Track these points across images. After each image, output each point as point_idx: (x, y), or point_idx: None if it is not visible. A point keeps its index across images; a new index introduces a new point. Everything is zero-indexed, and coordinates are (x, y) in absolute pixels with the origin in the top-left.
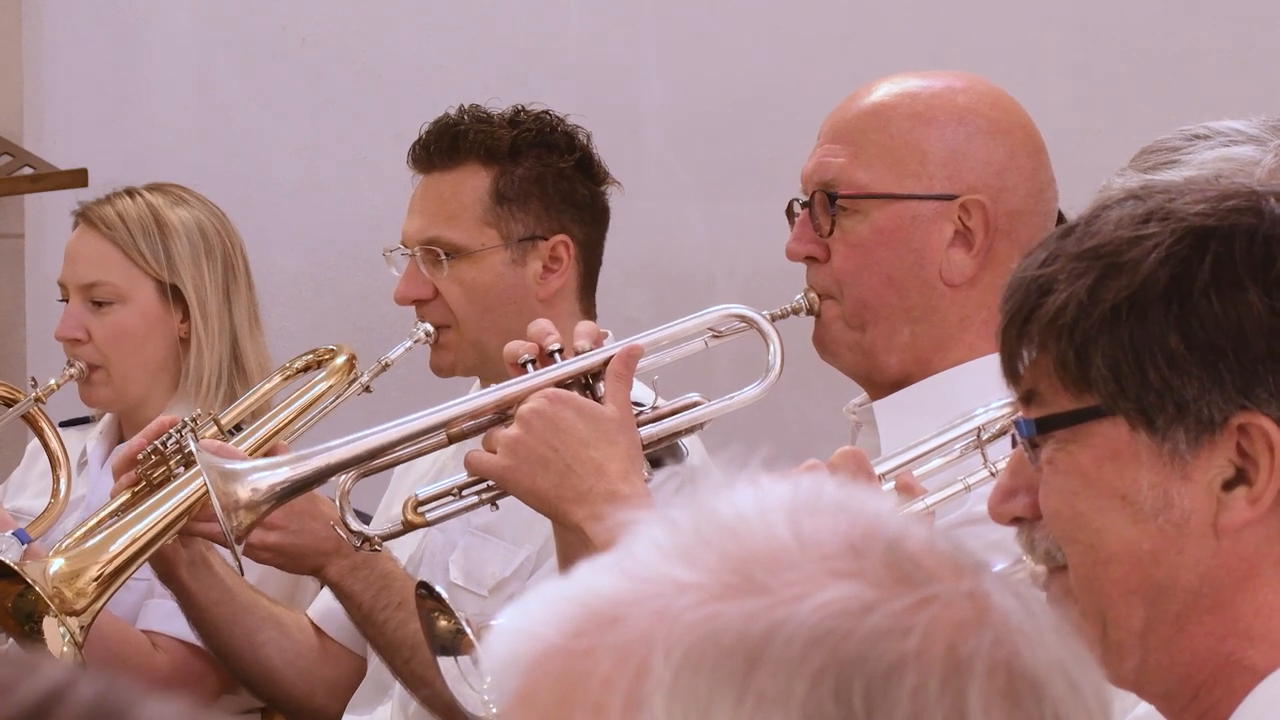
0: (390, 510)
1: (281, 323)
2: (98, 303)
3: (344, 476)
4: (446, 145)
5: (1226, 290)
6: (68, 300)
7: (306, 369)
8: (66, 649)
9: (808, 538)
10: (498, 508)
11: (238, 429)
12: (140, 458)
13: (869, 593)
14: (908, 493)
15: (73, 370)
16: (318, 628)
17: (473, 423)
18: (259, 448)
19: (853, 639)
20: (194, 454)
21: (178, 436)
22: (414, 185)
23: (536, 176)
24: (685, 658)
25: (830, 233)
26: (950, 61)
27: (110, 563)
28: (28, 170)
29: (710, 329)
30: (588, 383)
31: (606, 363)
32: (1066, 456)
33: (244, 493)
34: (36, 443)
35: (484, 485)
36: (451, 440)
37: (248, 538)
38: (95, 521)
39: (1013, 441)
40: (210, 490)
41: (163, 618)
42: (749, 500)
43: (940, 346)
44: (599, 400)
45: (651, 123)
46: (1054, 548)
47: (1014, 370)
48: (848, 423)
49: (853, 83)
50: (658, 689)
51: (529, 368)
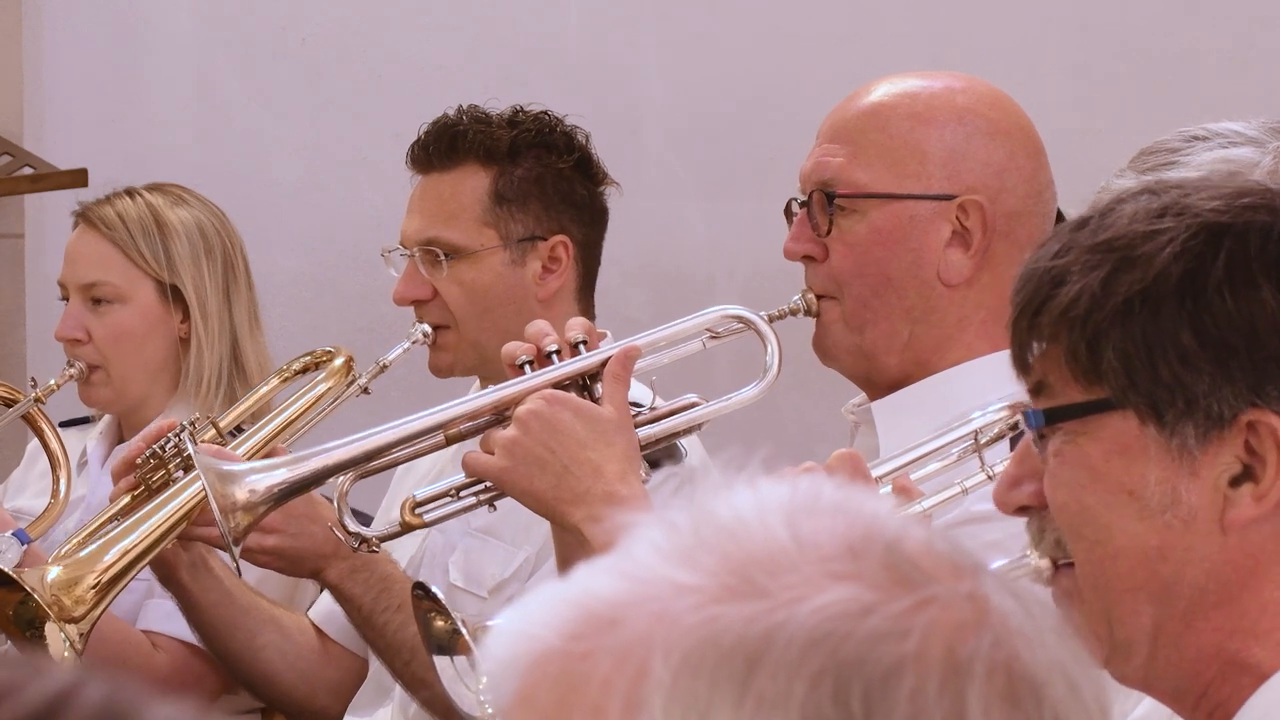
0: (390, 512)
1: (281, 323)
2: (98, 302)
3: (342, 478)
4: (445, 146)
5: (1240, 287)
6: (68, 300)
7: (304, 371)
8: (67, 655)
9: (806, 540)
10: (495, 509)
11: (238, 431)
12: (139, 462)
13: (868, 595)
14: (905, 496)
15: (72, 370)
16: (319, 629)
17: (470, 424)
18: (258, 450)
19: (851, 641)
20: (192, 457)
21: (176, 440)
22: (413, 185)
23: (535, 177)
24: (685, 660)
25: (828, 232)
26: (950, 61)
27: (108, 570)
28: (28, 170)
29: (708, 330)
30: (585, 384)
31: (604, 364)
32: (1075, 449)
33: (241, 494)
34: (36, 443)
35: (482, 486)
36: (449, 441)
37: (246, 541)
38: (94, 527)
39: (1010, 445)
40: (208, 492)
41: (162, 618)
42: (747, 502)
43: (938, 347)
44: (597, 401)
45: (651, 123)
46: (1063, 539)
47: (1024, 361)
48: (846, 423)
49: (853, 83)
50: (657, 691)
51: (527, 369)
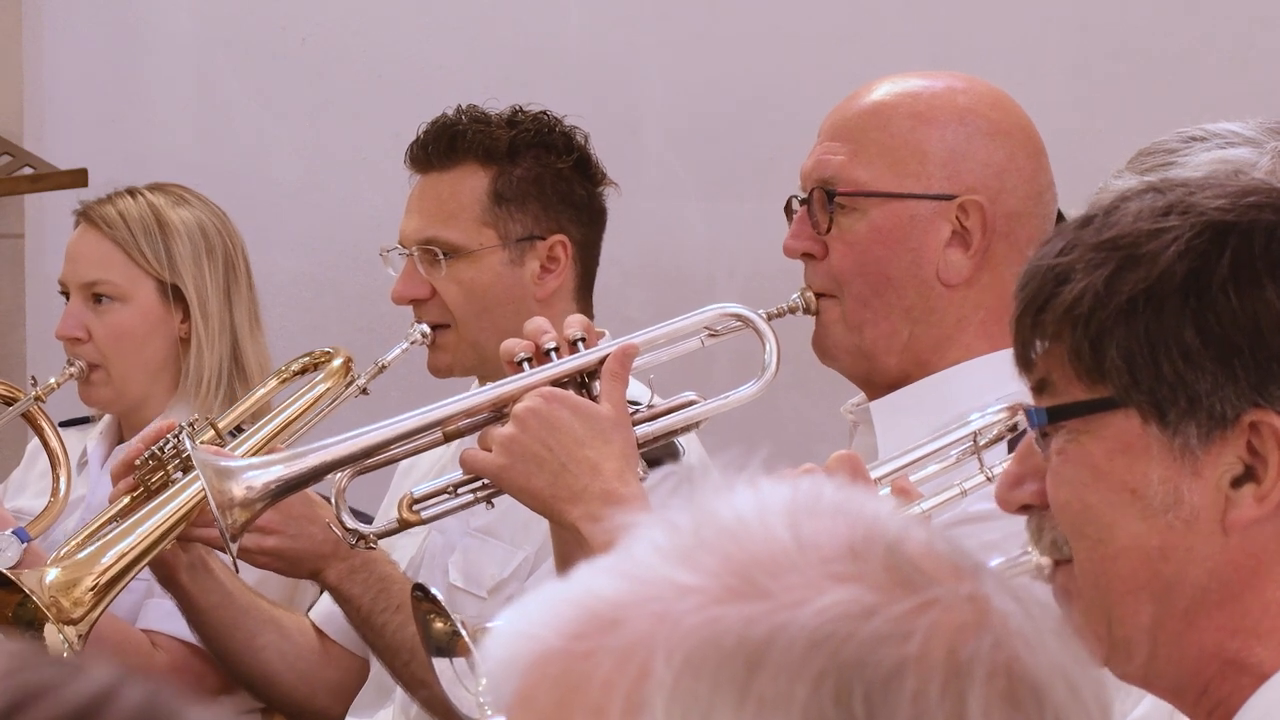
0: (390, 512)
1: (281, 323)
2: (99, 301)
3: (340, 475)
4: (445, 145)
5: (1244, 286)
6: (69, 299)
7: (303, 371)
8: (66, 657)
9: (808, 541)
10: (493, 506)
11: (237, 432)
12: (138, 463)
13: (869, 596)
14: (903, 497)
15: (73, 369)
16: (319, 630)
17: (468, 421)
18: (256, 451)
19: (853, 643)
20: (191, 455)
21: (175, 441)
22: (412, 185)
23: (534, 177)
24: (686, 661)
25: (828, 230)
26: (950, 61)
27: (107, 571)
28: (28, 170)
29: (707, 328)
30: (583, 381)
31: (602, 361)
32: (1077, 447)
33: (239, 490)
34: (36, 442)
35: (479, 484)
36: (447, 438)
37: (246, 543)
38: (93, 528)
39: (1009, 447)
40: (205, 488)
41: (162, 617)
42: (749, 503)
43: (938, 347)
44: (595, 399)
45: (651, 123)
46: (1061, 538)
47: (1027, 359)
48: (844, 422)
49: (853, 83)
50: (658, 692)
51: (525, 366)
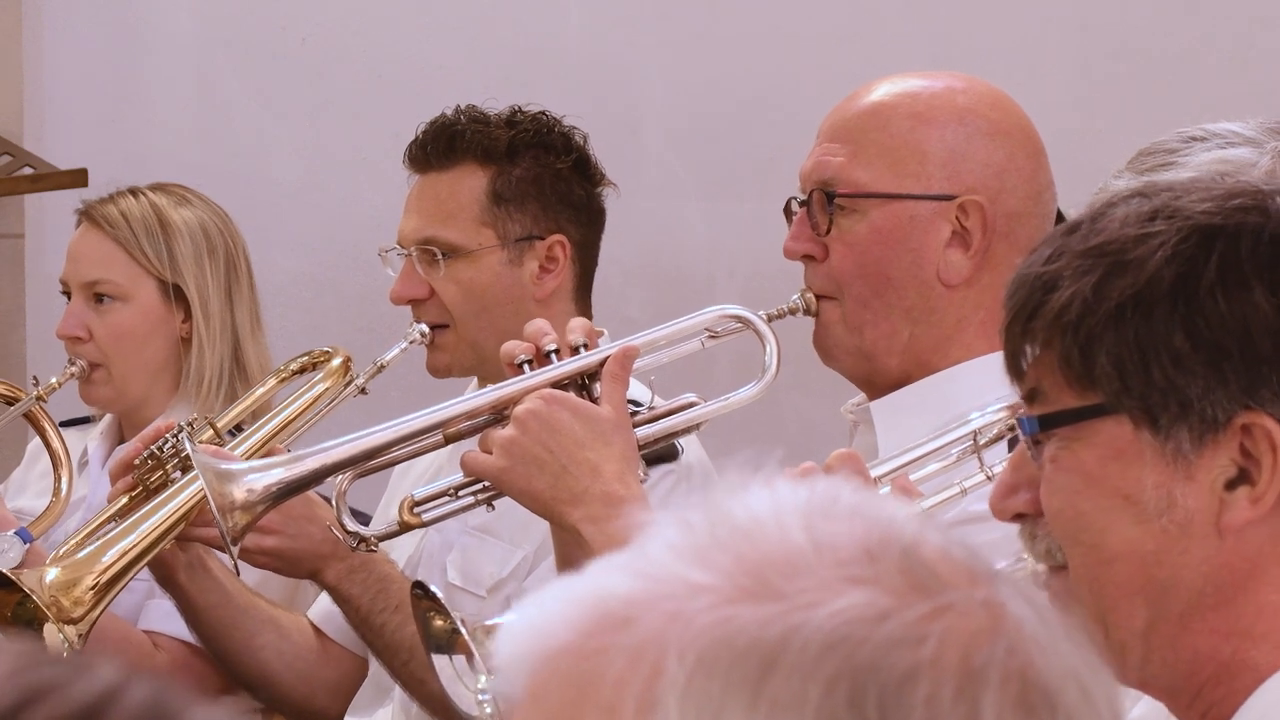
0: (389, 512)
1: (281, 323)
2: (100, 300)
3: (340, 477)
4: (443, 145)
5: (1232, 289)
6: (70, 298)
7: (302, 371)
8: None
9: (823, 542)
10: (494, 508)
11: (236, 431)
12: (137, 463)
13: (884, 600)
14: (903, 496)
15: (74, 369)
16: (318, 629)
17: (469, 423)
18: (256, 451)
19: (867, 646)
20: (190, 456)
21: (174, 441)
22: (410, 185)
23: (533, 177)
24: (699, 661)
25: (828, 231)
26: (950, 61)
27: (106, 571)
28: (28, 170)
29: (707, 329)
30: (584, 383)
31: (603, 363)
32: (1069, 455)
33: (240, 493)
34: (37, 442)
35: (480, 486)
36: (448, 441)
37: (245, 543)
38: (92, 528)
39: (1009, 446)
40: (206, 491)
41: (163, 618)
42: (764, 503)
43: (938, 347)
44: (595, 401)
45: (651, 123)
46: (1054, 545)
47: (1017, 367)
48: (845, 422)
49: (853, 83)
50: (671, 691)
51: (525, 368)
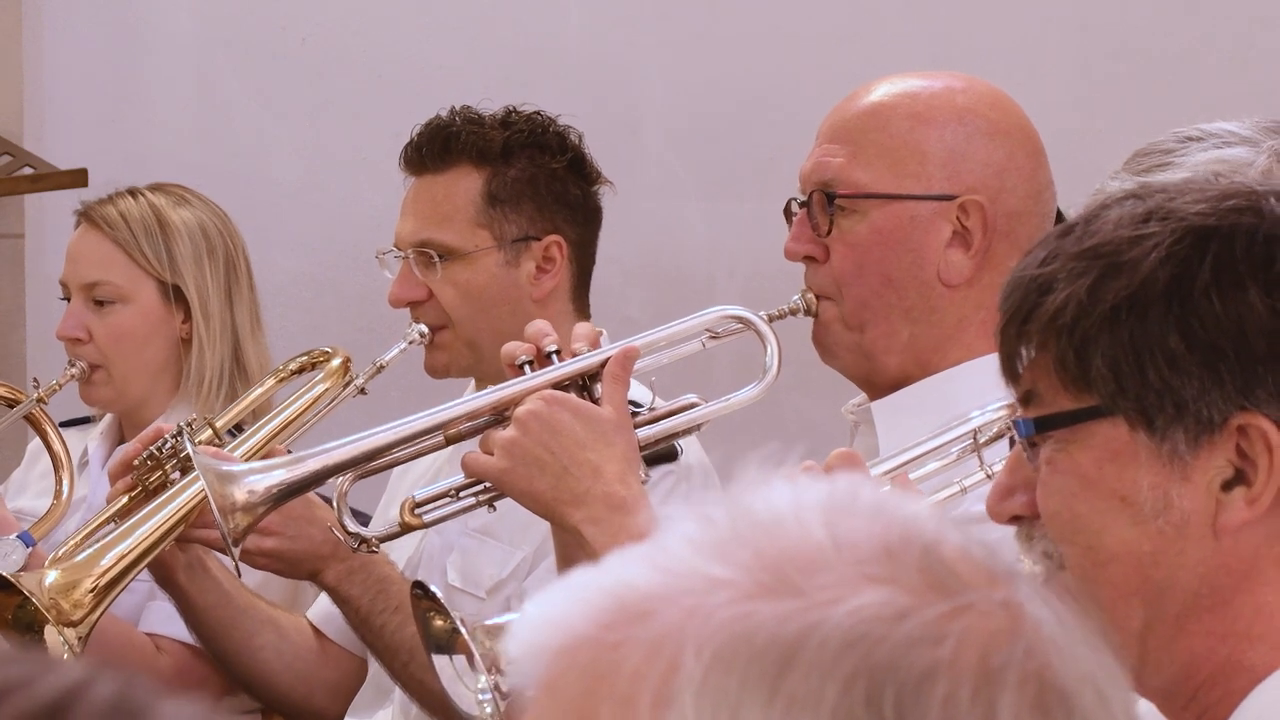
0: (388, 513)
1: (281, 323)
2: (99, 302)
3: (341, 478)
4: (438, 147)
5: (1227, 290)
6: (69, 299)
7: (301, 371)
8: (66, 659)
9: (843, 540)
10: (495, 509)
11: (236, 431)
12: (136, 464)
13: (903, 599)
14: None
15: (74, 370)
16: (317, 630)
17: (470, 424)
18: (256, 452)
19: (886, 645)
20: (191, 457)
21: (173, 442)
22: (406, 187)
23: (529, 177)
24: (717, 656)
25: (828, 232)
26: (950, 61)
27: (106, 573)
28: (28, 170)
29: (708, 330)
30: (585, 384)
31: (603, 364)
32: (1065, 457)
33: (241, 495)
34: (37, 443)
35: (481, 487)
36: (449, 442)
37: (245, 544)
38: (91, 529)
39: (1010, 444)
40: (207, 492)
41: (165, 619)
42: (785, 499)
43: (938, 347)
44: (596, 402)
45: (651, 123)
46: (1051, 547)
47: (1013, 370)
48: (846, 423)
49: (853, 83)
50: (688, 686)
51: (526, 369)
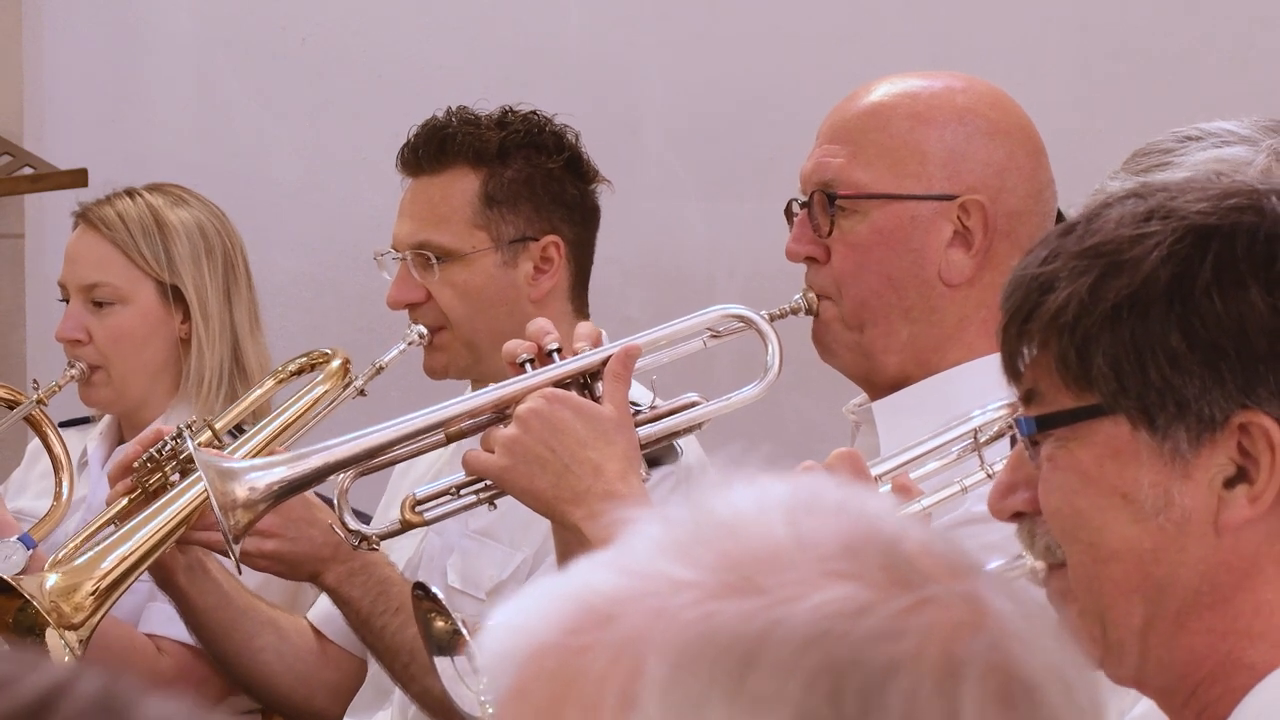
0: (389, 512)
1: (281, 323)
2: (98, 303)
3: (342, 476)
4: (435, 148)
5: (1228, 289)
6: (68, 301)
7: (300, 372)
8: (67, 661)
9: (805, 538)
10: (495, 507)
11: (236, 432)
12: (136, 465)
13: (865, 594)
14: (904, 494)
15: (73, 371)
16: (318, 631)
17: (471, 422)
18: (255, 454)
19: (848, 641)
20: (191, 454)
21: (173, 443)
22: (403, 189)
23: (525, 178)
24: (680, 657)
25: (829, 233)
26: (950, 61)
27: (107, 576)
28: (28, 170)
29: (709, 329)
30: (586, 382)
31: (605, 363)
32: (1067, 454)
33: (242, 491)
34: (37, 443)
35: (482, 485)
36: (450, 439)
37: (245, 546)
38: (90, 531)
39: (1011, 443)
40: (208, 489)
41: (166, 621)
42: (747, 499)
43: (939, 347)
44: (597, 400)
45: (651, 123)
46: (1053, 543)
47: (1014, 368)
48: (847, 423)
49: (853, 83)
50: (652, 688)
51: (527, 367)
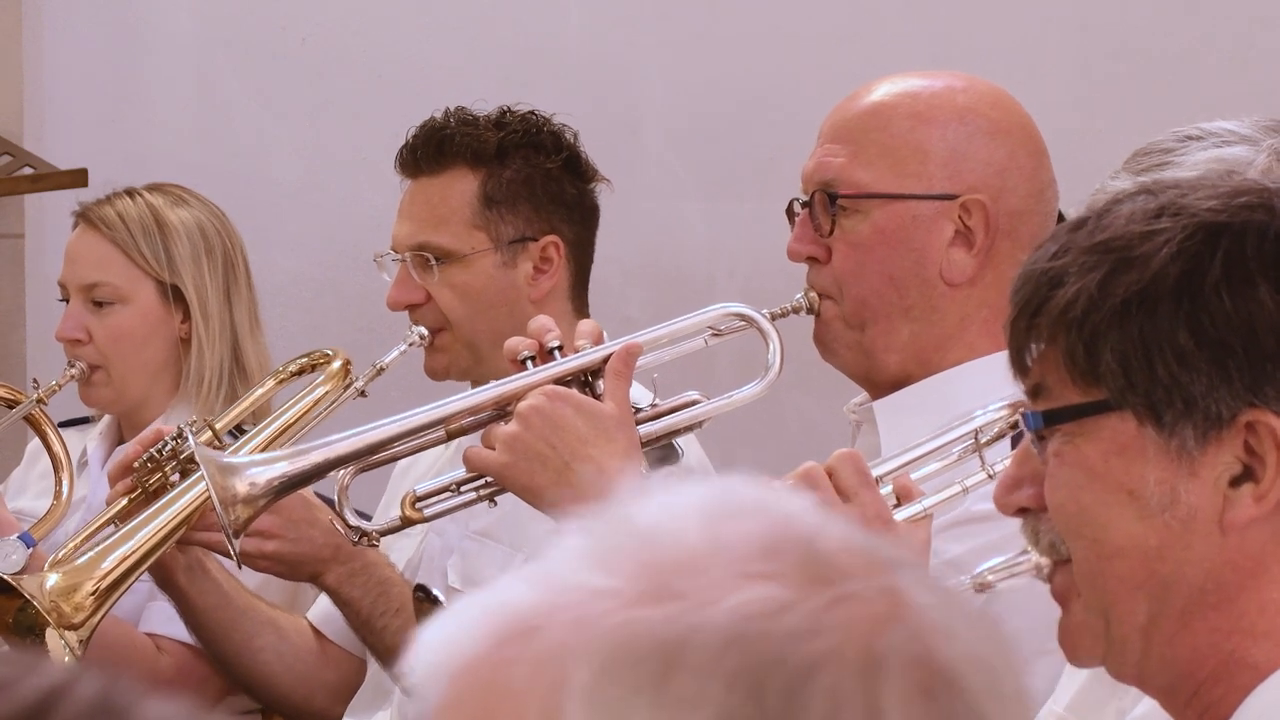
0: (389, 512)
1: (281, 323)
2: (98, 303)
3: (342, 472)
4: (433, 150)
5: (1237, 287)
6: (68, 300)
7: (301, 373)
8: (67, 661)
9: (722, 541)
10: (496, 504)
11: (237, 432)
12: (136, 465)
13: (783, 593)
14: (905, 495)
15: (73, 371)
16: (317, 631)
17: (472, 419)
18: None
19: (767, 640)
20: (193, 451)
21: (173, 443)
22: (402, 190)
23: (524, 178)
24: (603, 666)
25: (831, 232)
26: (950, 61)
27: (107, 576)
28: (28, 170)
29: (710, 327)
30: (587, 380)
31: (606, 360)
32: (1073, 450)
33: (242, 486)
34: (37, 443)
35: (482, 482)
36: (450, 436)
37: (246, 547)
38: (90, 530)
39: (1011, 444)
40: (208, 484)
41: (165, 620)
42: (664, 506)
43: (940, 346)
44: (598, 398)
45: (651, 123)
46: (1058, 540)
47: (1022, 363)
48: (847, 422)
49: (853, 83)
50: (576, 698)
51: (528, 364)
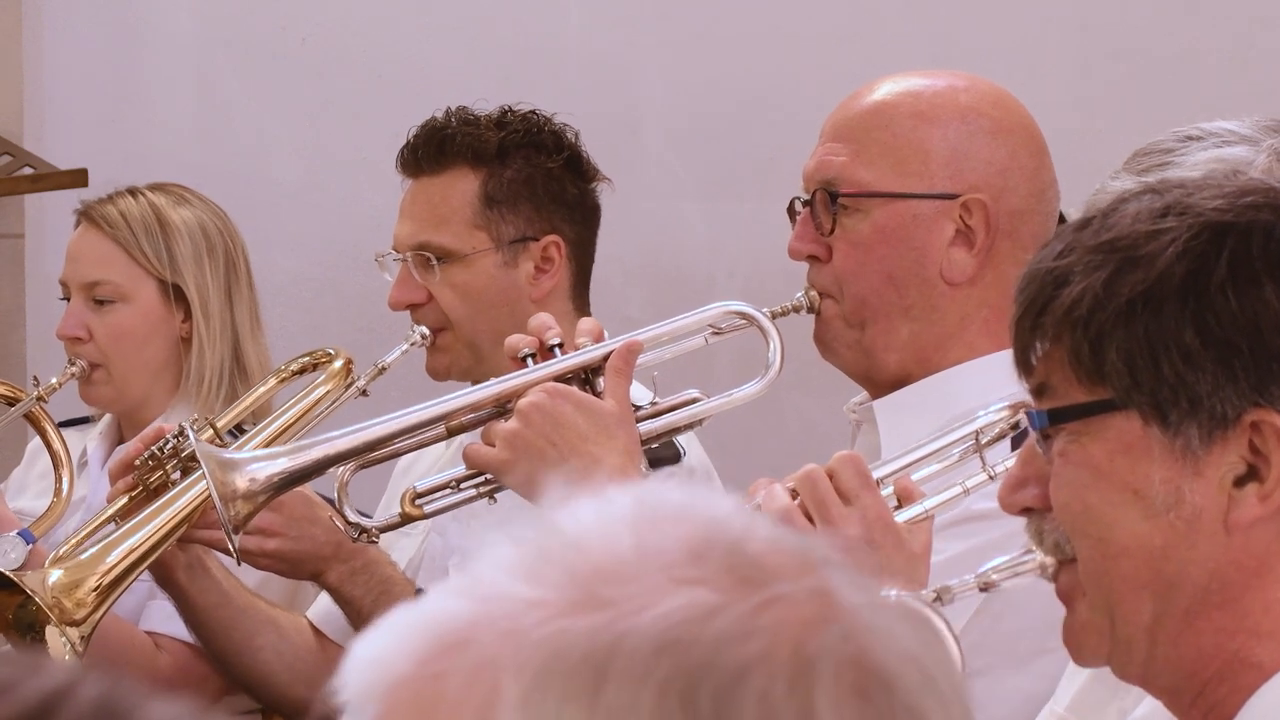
0: (390, 510)
1: (281, 323)
2: (99, 301)
3: (343, 469)
4: (434, 149)
5: (1243, 286)
6: (69, 299)
7: (302, 372)
8: (68, 658)
9: (649, 547)
10: (495, 501)
11: (237, 432)
12: (137, 463)
13: (712, 598)
14: (907, 497)
15: (74, 369)
16: (317, 630)
17: (472, 416)
18: None
19: (698, 646)
20: (194, 448)
21: (174, 442)
22: (404, 190)
23: (525, 178)
24: (534, 677)
25: (831, 231)
26: (950, 61)
27: (109, 573)
28: (28, 170)
29: (710, 326)
30: (587, 378)
31: (606, 358)
32: (1078, 449)
33: (242, 482)
34: (37, 442)
35: (482, 479)
36: (450, 433)
37: (247, 545)
38: (91, 528)
39: (1012, 444)
40: (208, 480)
41: (165, 619)
42: (591, 514)
43: (940, 345)
44: (598, 395)
45: (651, 123)
46: (1063, 539)
47: (1027, 362)
48: (848, 421)
49: (853, 83)
50: (508, 709)
51: (529, 362)
